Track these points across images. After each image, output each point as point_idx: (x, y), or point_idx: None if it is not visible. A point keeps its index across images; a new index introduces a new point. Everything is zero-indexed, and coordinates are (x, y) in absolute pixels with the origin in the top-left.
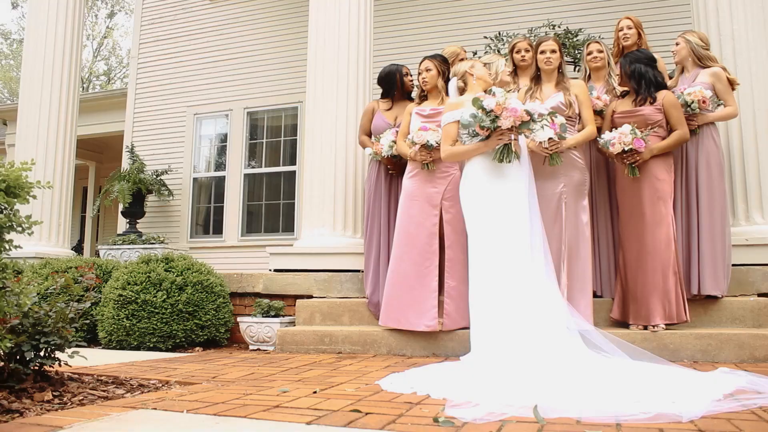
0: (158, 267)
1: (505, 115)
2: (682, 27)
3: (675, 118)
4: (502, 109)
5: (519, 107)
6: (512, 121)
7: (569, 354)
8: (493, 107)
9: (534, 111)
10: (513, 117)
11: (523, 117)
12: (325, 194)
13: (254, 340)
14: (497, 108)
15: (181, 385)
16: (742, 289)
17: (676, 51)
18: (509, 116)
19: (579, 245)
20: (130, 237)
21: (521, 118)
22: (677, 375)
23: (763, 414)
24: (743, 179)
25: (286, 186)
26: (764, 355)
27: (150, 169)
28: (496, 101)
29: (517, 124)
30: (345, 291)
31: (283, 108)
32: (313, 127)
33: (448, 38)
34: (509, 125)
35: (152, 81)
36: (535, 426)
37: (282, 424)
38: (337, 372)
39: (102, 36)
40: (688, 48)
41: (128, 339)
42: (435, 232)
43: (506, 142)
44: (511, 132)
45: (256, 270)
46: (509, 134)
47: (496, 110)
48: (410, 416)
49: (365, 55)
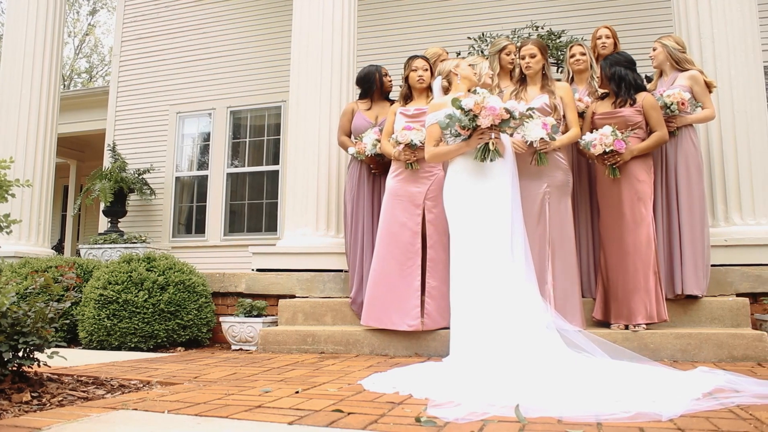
0: (140, 266)
1: (484, 114)
2: (663, 30)
3: (654, 119)
4: (480, 108)
5: (498, 105)
6: (491, 120)
7: (551, 354)
8: (471, 106)
9: (514, 109)
10: (492, 116)
11: (502, 115)
12: (308, 194)
13: (236, 340)
14: (476, 107)
15: (162, 385)
16: (721, 289)
17: (653, 56)
18: (488, 115)
19: (564, 245)
20: (111, 236)
21: (501, 116)
22: (657, 374)
23: (740, 412)
24: (723, 180)
25: (269, 185)
26: (742, 354)
27: (132, 168)
28: (474, 100)
29: (497, 122)
30: (328, 291)
31: (267, 107)
32: (296, 126)
33: (432, 39)
34: (488, 124)
35: (134, 79)
36: (517, 425)
37: (264, 425)
38: (319, 372)
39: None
40: (665, 52)
41: (109, 339)
42: (418, 231)
43: (487, 141)
44: (491, 131)
45: (238, 270)
46: (489, 133)
47: (474, 109)
48: (392, 416)
49: (349, 55)
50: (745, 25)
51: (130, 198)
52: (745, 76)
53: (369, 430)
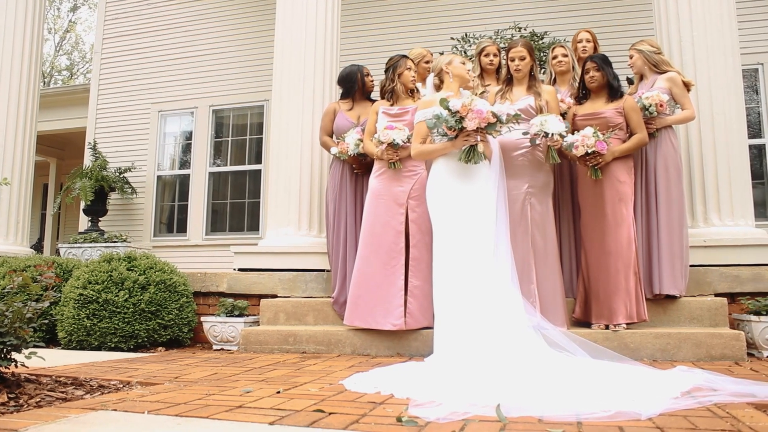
0: (120, 266)
1: (471, 117)
2: (644, 32)
3: (635, 121)
4: (467, 111)
5: (485, 109)
6: (477, 123)
7: (532, 354)
8: (459, 108)
9: (501, 113)
10: (478, 119)
11: (489, 119)
12: (291, 193)
13: (218, 340)
14: (463, 109)
15: (142, 385)
16: (700, 289)
17: (631, 63)
18: (474, 118)
19: (546, 246)
20: (91, 235)
21: (487, 120)
22: (637, 374)
23: (717, 410)
24: (702, 182)
25: (252, 185)
26: (720, 353)
27: (113, 167)
28: (462, 102)
29: (483, 125)
30: (310, 290)
31: (249, 106)
32: (278, 126)
33: (415, 39)
34: (474, 126)
35: (116, 77)
36: (498, 425)
37: (244, 425)
38: (301, 372)
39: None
40: (642, 57)
41: (89, 339)
42: (401, 231)
43: (472, 143)
44: (477, 133)
45: (220, 269)
46: (475, 135)
47: (461, 111)
48: (374, 416)
49: (332, 55)
50: (723, 29)
51: (111, 197)
52: (724, 78)
53: (350, 430)
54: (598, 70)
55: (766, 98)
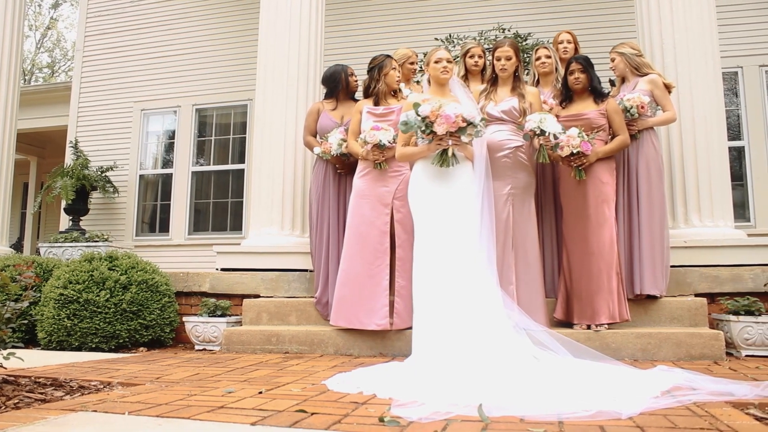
0: (102, 265)
1: (439, 122)
2: (626, 34)
3: (617, 123)
4: (436, 116)
5: (452, 114)
6: (445, 128)
7: (514, 354)
8: (428, 113)
9: (472, 117)
10: (446, 124)
11: (459, 124)
12: (274, 193)
13: (200, 340)
14: (432, 114)
15: (123, 386)
16: (680, 290)
17: (613, 67)
18: (443, 123)
19: (527, 246)
20: (72, 235)
21: (457, 125)
22: (618, 373)
23: (696, 409)
24: (683, 183)
25: (235, 184)
26: (700, 352)
27: (95, 165)
28: (430, 107)
29: (452, 130)
30: (292, 290)
31: (233, 105)
32: (262, 125)
33: (399, 39)
34: (442, 132)
35: (98, 75)
36: (480, 424)
37: (226, 425)
38: (283, 372)
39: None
40: (624, 60)
41: (69, 339)
42: (386, 231)
43: (444, 147)
44: (449, 138)
45: (202, 269)
46: (447, 140)
47: (430, 116)
48: (356, 416)
49: (316, 54)
50: (704, 32)
51: (93, 196)
52: (705, 81)
53: (332, 430)
54: (583, 71)
55: (745, 101)
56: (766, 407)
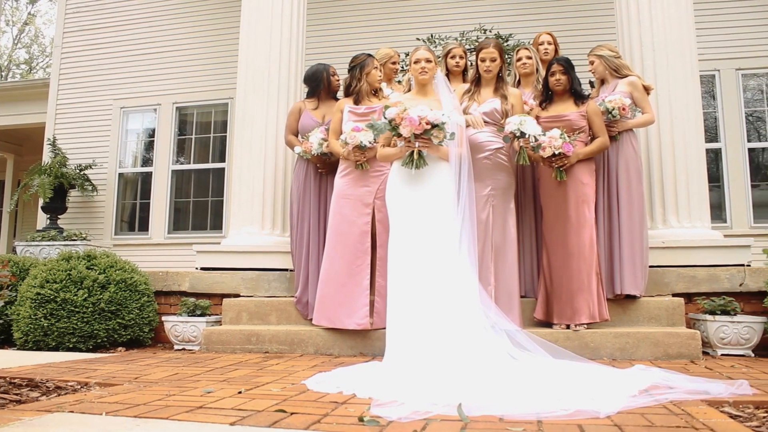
0: (80, 264)
1: (404, 125)
2: (606, 36)
3: (597, 125)
4: (401, 119)
5: (417, 117)
6: (409, 131)
7: (491, 353)
8: (394, 116)
9: (437, 120)
10: (410, 126)
11: (423, 126)
12: (254, 192)
13: (179, 340)
14: (398, 118)
15: (101, 386)
16: (658, 290)
17: (593, 69)
18: (407, 126)
19: (506, 247)
20: (50, 233)
21: (422, 128)
22: (597, 372)
23: (673, 408)
24: (661, 184)
25: (215, 183)
26: (677, 352)
27: (73, 163)
28: (396, 111)
29: (418, 132)
30: (273, 290)
31: (214, 104)
32: (242, 124)
33: (381, 39)
34: (407, 134)
35: (77, 72)
36: (459, 424)
37: (205, 426)
38: (263, 372)
39: (23, 22)
40: (603, 63)
41: (46, 339)
42: (367, 231)
43: (412, 149)
44: (417, 140)
45: (182, 268)
46: (415, 142)
47: (396, 120)
48: (336, 416)
49: (297, 53)
50: (682, 35)
51: (71, 194)
52: (683, 83)
53: (312, 430)
54: (564, 73)
55: (722, 103)
56: (741, 405)
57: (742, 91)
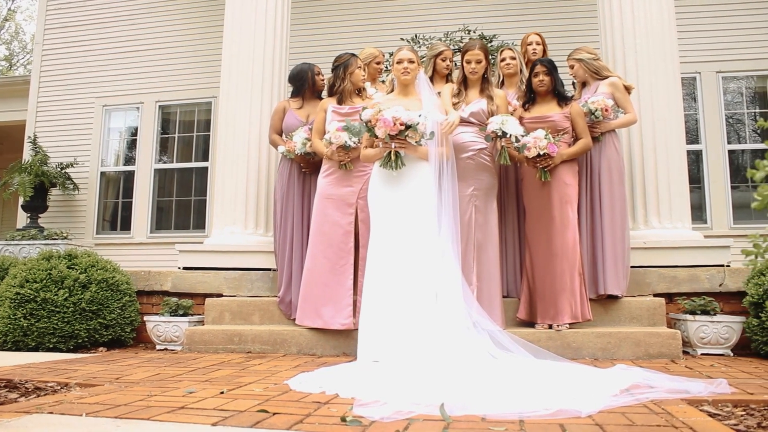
0: (60, 264)
1: (379, 126)
2: (589, 38)
3: (580, 127)
4: (376, 121)
5: (391, 118)
6: (384, 132)
7: (475, 354)
8: (369, 118)
9: (412, 120)
10: (384, 127)
11: (398, 128)
12: (238, 192)
13: (161, 340)
14: (373, 119)
15: (81, 387)
16: (639, 290)
17: (573, 73)
18: (381, 127)
19: (488, 247)
20: (30, 232)
21: (397, 129)
22: (578, 372)
23: (653, 407)
24: (643, 185)
25: (198, 182)
26: (658, 351)
27: (54, 162)
28: (372, 113)
29: (393, 133)
30: (255, 290)
31: (197, 103)
32: (226, 123)
33: (365, 38)
34: (382, 135)
35: (58, 69)
36: (442, 424)
37: (186, 426)
38: (245, 372)
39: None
40: (583, 66)
41: (25, 340)
42: (351, 231)
43: (389, 150)
44: (393, 141)
45: (165, 268)
46: (391, 143)
47: (372, 121)
48: (318, 416)
49: (281, 52)
50: (664, 38)
51: (52, 193)
52: (665, 85)
53: (294, 430)
54: (548, 74)
55: (703, 106)
56: (720, 404)
57: (723, 93)
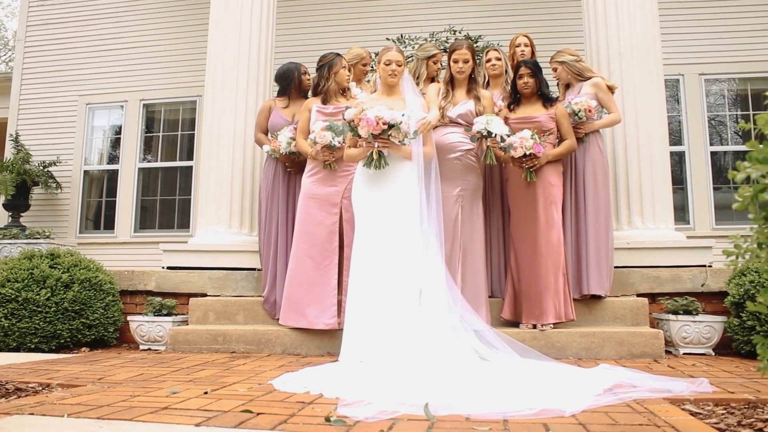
0: (42, 263)
1: (362, 125)
2: (575, 39)
3: (565, 128)
4: (359, 120)
5: (373, 117)
6: (367, 131)
7: (460, 353)
8: (352, 117)
9: (395, 120)
10: (367, 127)
11: (381, 127)
12: (222, 191)
13: (145, 340)
14: (356, 119)
15: (63, 387)
16: (623, 290)
17: (556, 76)
18: (364, 126)
19: (474, 247)
20: (12, 231)
21: (380, 128)
22: (562, 372)
23: (636, 406)
24: (626, 186)
25: (183, 181)
26: (641, 351)
27: (37, 160)
28: (354, 112)
29: (376, 133)
30: (240, 289)
31: (181, 101)
32: (211, 122)
33: (350, 38)
34: (365, 135)
35: (41, 66)
36: (426, 423)
37: (170, 427)
38: (229, 372)
39: None
40: (565, 69)
41: (6, 340)
42: (335, 230)
43: (372, 149)
44: (377, 140)
45: (149, 267)
46: (374, 143)
47: (355, 121)
48: (302, 416)
49: (267, 51)
50: (648, 40)
51: (34, 191)
52: (648, 87)
53: (278, 430)
54: (532, 76)
55: (686, 107)
56: (701, 403)
57: (705, 95)
